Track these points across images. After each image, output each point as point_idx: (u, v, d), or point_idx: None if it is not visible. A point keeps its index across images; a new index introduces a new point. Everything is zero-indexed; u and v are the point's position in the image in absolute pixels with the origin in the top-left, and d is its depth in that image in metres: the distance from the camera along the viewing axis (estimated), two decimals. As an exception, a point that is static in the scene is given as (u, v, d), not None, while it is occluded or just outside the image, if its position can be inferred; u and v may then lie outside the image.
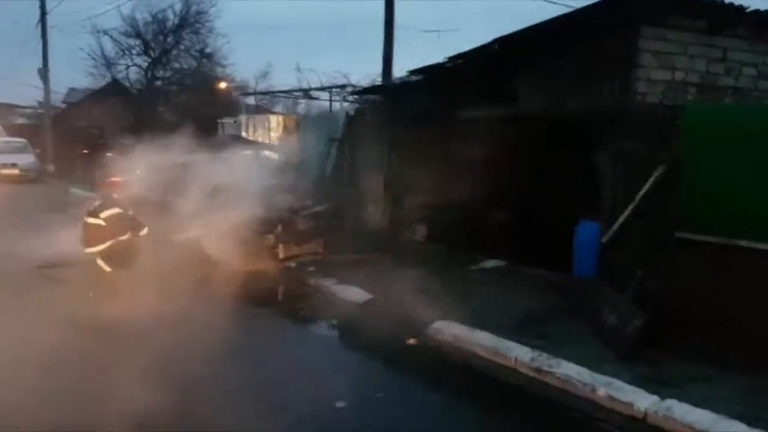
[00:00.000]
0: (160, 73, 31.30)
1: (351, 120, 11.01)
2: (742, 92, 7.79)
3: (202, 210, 9.21)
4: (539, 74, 8.07)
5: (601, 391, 4.87)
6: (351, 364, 5.92)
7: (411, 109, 9.69)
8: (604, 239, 7.07)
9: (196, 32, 31.13)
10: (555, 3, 11.81)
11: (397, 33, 14.66)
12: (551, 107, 7.82)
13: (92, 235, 8.19)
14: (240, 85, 32.39)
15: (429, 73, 9.36)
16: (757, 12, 7.38)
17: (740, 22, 7.54)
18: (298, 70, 17.80)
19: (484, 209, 9.01)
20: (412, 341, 6.25)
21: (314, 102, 24.16)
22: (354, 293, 7.68)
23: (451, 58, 8.85)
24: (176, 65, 31.10)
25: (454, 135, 9.14)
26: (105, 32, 29.18)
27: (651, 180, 6.11)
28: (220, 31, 30.30)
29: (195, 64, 31.55)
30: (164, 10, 29.43)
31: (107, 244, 8.13)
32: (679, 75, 7.34)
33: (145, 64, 30.54)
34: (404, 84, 9.92)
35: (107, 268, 8.21)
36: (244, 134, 15.47)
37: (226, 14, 38.63)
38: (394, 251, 9.12)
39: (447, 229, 9.26)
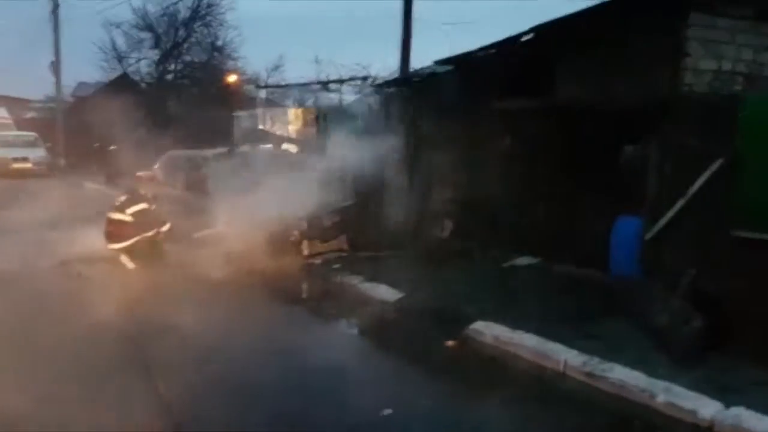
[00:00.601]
0: (171, 67, 31.09)
1: (374, 112, 10.73)
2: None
3: (225, 206, 9.01)
4: (578, 64, 7.75)
5: (661, 398, 4.59)
6: (390, 368, 5.63)
7: (438, 100, 9.40)
8: (648, 236, 6.78)
9: (207, 25, 30.99)
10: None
11: (414, 26, 14.45)
12: (592, 98, 7.51)
13: (117, 231, 8.06)
14: (251, 78, 32.18)
15: (458, 63, 9.06)
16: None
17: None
18: (317, 62, 17.47)
19: (514, 204, 8.72)
20: (451, 343, 5.98)
21: (325, 94, 24.01)
22: (384, 291, 7.42)
23: (483, 48, 8.55)
24: (187, 58, 30.85)
25: (485, 127, 8.85)
26: (116, 25, 28.95)
27: (705, 175, 5.80)
28: (232, 23, 30.05)
29: (206, 57, 31.37)
30: (176, 2, 29.16)
31: (132, 240, 7.97)
32: (726, 64, 7.03)
33: (156, 57, 30.37)
34: (431, 75, 9.62)
35: (131, 265, 8.05)
36: (261, 127, 15.23)
37: (239, 5, 38.33)
38: (420, 248, 8.86)
39: (476, 226, 8.97)
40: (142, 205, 8.18)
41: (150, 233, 8.17)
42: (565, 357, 5.32)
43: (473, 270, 7.97)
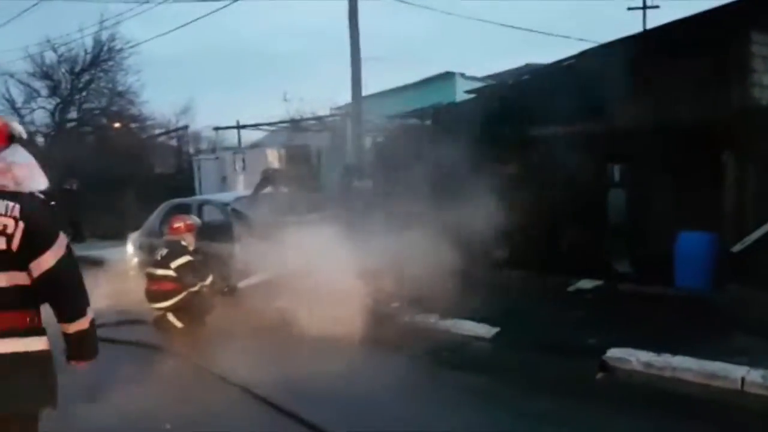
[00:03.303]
0: (71, 115, 29.05)
1: (382, 148, 10.37)
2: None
3: (258, 252, 8.28)
4: (635, 85, 7.82)
5: None
6: (559, 411, 5.12)
7: (465, 130, 9.20)
8: (736, 249, 6.88)
9: (106, 71, 29.35)
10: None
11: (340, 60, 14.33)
12: (652, 118, 7.60)
13: (160, 288, 7.17)
14: (156, 122, 30.83)
15: (486, 93, 8.94)
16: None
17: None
18: (285, 99, 16.84)
19: (565, 228, 8.66)
20: (600, 375, 5.68)
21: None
22: (472, 327, 7.04)
23: (519, 77, 8.52)
24: (91, 105, 29.00)
25: (527, 153, 8.75)
26: (10, 74, 26.75)
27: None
28: (137, 67, 28.57)
29: (105, 103, 29.66)
30: (73, 49, 27.42)
31: (179, 297, 7.11)
32: (779, 80, 7.38)
33: (51, 106, 28.27)
34: (451, 106, 9.44)
35: (179, 324, 7.19)
36: (230, 172, 14.35)
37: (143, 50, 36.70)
38: (474, 279, 8.53)
39: (525, 252, 8.81)
40: (185, 258, 7.33)
41: (195, 288, 7.32)
42: (740, 374, 5.18)
43: (543, 297, 7.77)
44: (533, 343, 6.48)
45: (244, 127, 16.09)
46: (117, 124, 28.49)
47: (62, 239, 2.64)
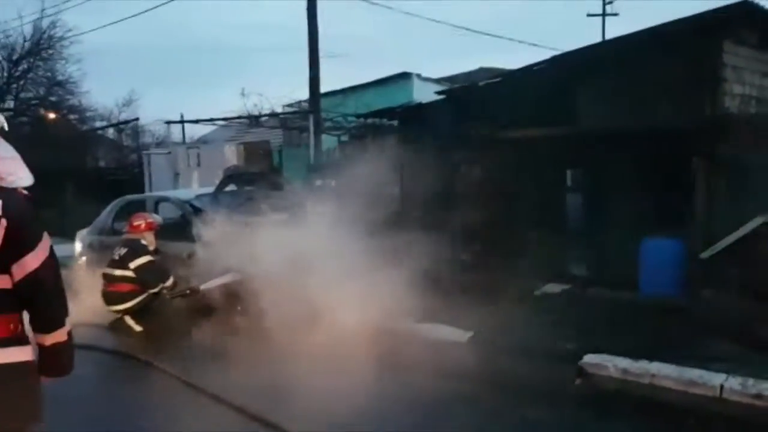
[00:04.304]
0: (7, 104, 27.73)
1: (346, 147, 10.17)
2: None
3: (221, 252, 7.94)
4: (604, 91, 7.86)
5: None
6: (543, 419, 5.06)
7: (433, 131, 9.10)
8: (706, 255, 6.96)
9: (46, 59, 28.17)
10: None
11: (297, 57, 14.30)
12: (621, 123, 7.64)
13: (118, 289, 6.80)
14: (97, 114, 29.89)
15: (456, 94, 8.86)
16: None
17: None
18: (243, 95, 16.39)
19: (531, 231, 8.63)
20: (579, 381, 5.63)
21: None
22: (447, 331, 6.91)
23: (491, 78, 8.46)
24: (28, 94, 27.78)
25: (493, 156, 8.69)
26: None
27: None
28: (78, 56, 27.52)
29: (43, 93, 28.49)
30: (11, 36, 26.24)
31: (138, 299, 6.77)
32: (746, 89, 7.52)
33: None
34: (419, 107, 9.31)
35: (138, 327, 6.84)
36: (183, 168, 13.83)
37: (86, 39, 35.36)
38: (442, 282, 8.42)
39: (491, 255, 8.75)
40: (145, 258, 6.97)
41: (155, 290, 6.97)
42: (719, 381, 5.20)
43: (512, 300, 7.68)
44: (508, 348, 6.40)
45: (198, 121, 15.61)
46: (54, 115, 27.38)
47: (46, 240, 2.37)
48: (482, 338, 6.70)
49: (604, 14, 25.87)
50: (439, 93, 8.95)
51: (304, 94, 15.49)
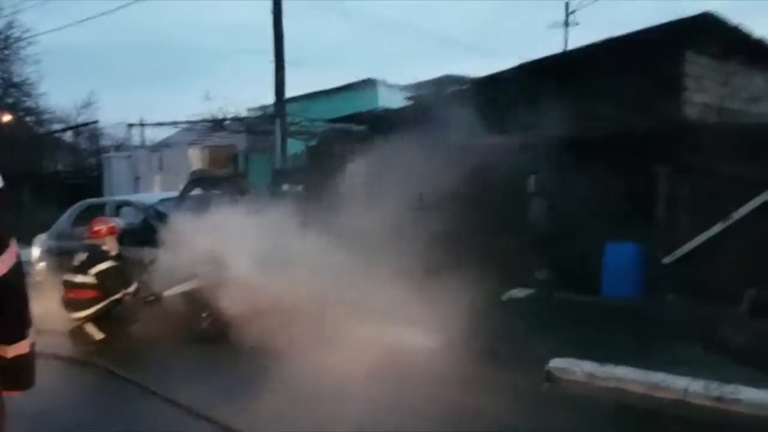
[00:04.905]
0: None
1: (314, 151, 10.12)
2: (740, 114, 8.39)
3: (186, 258, 7.80)
4: (567, 100, 7.95)
5: (815, 413, 4.73)
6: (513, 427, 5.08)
7: (402, 137, 9.09)
8: (668, 260, 7.09)
9: (1, 60, 27.43)
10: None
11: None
12: (585, 129, 7.74)
13: (78, 296, 6.63)
14: (55, 116, 29.19)
15: (424, 101, 8.89)
16: (755, 39, 8.01)
17: (740, 49, 8.12)
18: (208, 98, 16.24)
19: (497, 236, 8.69)
20: (547, 385, 5.67)
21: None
22: (418, 336, 6.88)
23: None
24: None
25: (461, 162, 8.72)
26: None
27: (758, 200, 6.19)
28: (36, 57, 26.84)
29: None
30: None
31: (99, 306, 6.61)
32: (706, 98, 7.70)
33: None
34: (387, 112, 9.32)
35: (99, 335, 6.68)
36: (144, 171, 13.56)
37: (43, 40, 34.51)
38: (409, 287, 8.40)
39: (459, 260, 8.76)
40: (107, 264, 6.81)
41: (117, 296, 6.81)
42: (683, 384, 5.28)
43: (479, 305, 7.69)
44: (478, 352, 6.42)
45: (161, 124, 15.39)
46: (9, 117, 26.67)
47: (14, 245, 2.25)
48: (450, 343, 6.69)
49: (566, 25, 26.34)
50: (408, 99, 8.95)
51: (269, 98, 15.41)
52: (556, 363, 5.93)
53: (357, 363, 6.25)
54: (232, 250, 7.50)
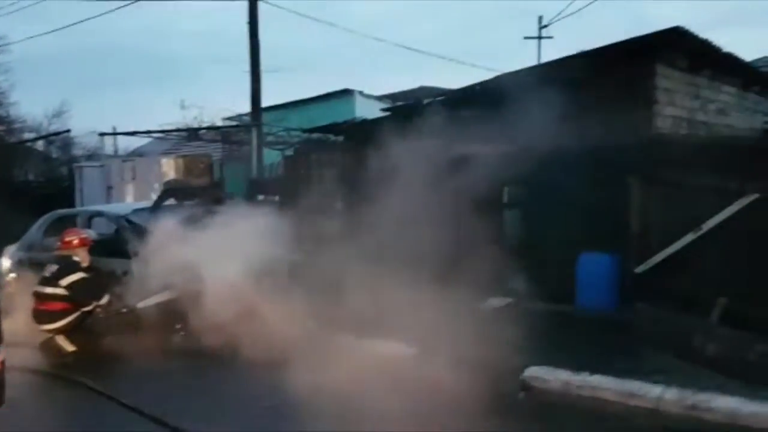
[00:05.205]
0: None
1: (291, 161, 10.11)
2: (709, 126, 8.56)
3: (159, 268, 7.72)
4: (541, 112, 8.01)
5: (786, 420, 4.81)
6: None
7: (378, 147, 9.12)
8: (640, 269, 7.19)
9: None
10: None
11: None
12: (559, 141, 7.81)
13: (49, 308, 6.53)
14: (26, 125, 28.76)
15: (401, 111, 8.94)
16: (723, 53, 8.19)
17: (709, 63, 8.30)
18: (183, 107, 16.12)
19: (473, 247, 8.72)
20: (523, 394, 5.70)
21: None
22: (394, 347, 6.89)
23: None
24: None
25: (438, 173, 8.77)
26: None
27: (731, 209, 6.29)
28: (7, 66, 26.46)
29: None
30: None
31: (70, 318, 6.51)
32: (677, 110, 7.84)
33: None
34: (364, 123, 9.34)
35: (70, 347, 6.58)
36: (116, 181, 13.36)
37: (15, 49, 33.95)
38: (386, 296, 8.39)
39: (437, 269, 8.78)
40: (78, 275, 6.71)
41: (89, 308, 6.71)
42: (657, 392, 5.34)
43: (456, 314, 7.71)
44: (454, 362, 6.41)
45: (135, 133, 15.19)
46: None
47: None
48: (427, 353, 6.71)
49: (540, 37, 26.67)
50: (384, 110, 8.98)
51: (245, 107, 15.35)
52: (532, 372, 5.98)
53: (331, 373, 6.23)
54: (206, 261, 7.44)
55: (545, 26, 26.76)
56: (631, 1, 47.59)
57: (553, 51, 28.83)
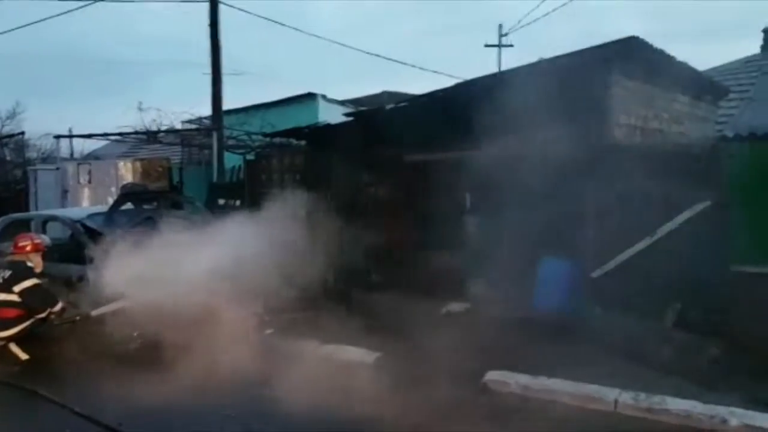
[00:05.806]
0: None
1: (253, 165, 10.03)
2: (663, 134, 8.77)
3: (114, 275, 7.58)
4: (500, 119, 8.11)
5: (734, 422, 4.95)
6: None
7: (341, 152, 9.14)
8: (596, 274, 7.32)
9: None
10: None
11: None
12: (518, 148, 7.91)
13: (3, 315, 6.38)
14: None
15: (364, 116, 8.95)
16: (677, 63, 8.42)
17: (663, 72, 8.50)
18: (140, 109, 15.88)
19: (434, 251, 8.80)
20: (484, 399, 5.76)
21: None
22: (355, 353, 6.88)
23: (395, 102, 8.63)
24: None
25: (399, 178, 8.82)
26: None
27: (684, 216, 6.46)
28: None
29: None
30: None
31: (24, 325, 6.36)
32: (631, 119, 8.02)
33: None
34: (327, 127, 9.33)
35: (24, 355, 6.42)
36: (72, 185, 13.04)
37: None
38: (349, 302, 8.45)
39: (398, 275, 8.84)
40: (31, 281, 6.55)
41: (43, 315, 6.55)
42: (614, 396, 5.46)
43: (418, 319, 7.77)
44: (415, 367, 6.45)
45: (92, 136, 14.85)
46: None
47: None
48: (388, 359, 6.72)
49: (500, 45, 27.05)
50: (347, 115, 8.99)
51: (205, 110, 15.16)
52: (492, 376, 6.04)
53: (290, 381, 6.21)
54: (164, 268, 7.32)
55: (505, 35, 27.17)
56: (589, 11, 48.48)
57: (513, 59, 29.27)
